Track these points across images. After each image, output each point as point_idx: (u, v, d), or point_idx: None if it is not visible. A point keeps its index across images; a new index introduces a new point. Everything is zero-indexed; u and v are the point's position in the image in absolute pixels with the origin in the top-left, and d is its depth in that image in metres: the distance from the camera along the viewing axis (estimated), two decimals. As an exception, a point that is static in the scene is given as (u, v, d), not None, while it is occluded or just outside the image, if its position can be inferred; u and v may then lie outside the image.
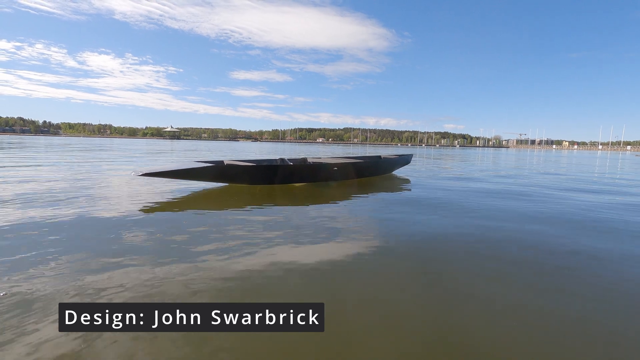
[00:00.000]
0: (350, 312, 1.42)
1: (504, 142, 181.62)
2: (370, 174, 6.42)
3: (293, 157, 6.45)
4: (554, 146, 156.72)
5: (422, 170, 8.97)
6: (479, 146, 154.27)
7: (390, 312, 1.42)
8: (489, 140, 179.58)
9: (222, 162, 4.90)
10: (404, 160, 7.72)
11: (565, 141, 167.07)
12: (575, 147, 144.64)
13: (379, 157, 7.79)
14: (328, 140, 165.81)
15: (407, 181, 6.34)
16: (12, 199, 3.54)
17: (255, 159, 5.63)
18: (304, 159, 6.43)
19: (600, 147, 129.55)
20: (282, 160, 5.98)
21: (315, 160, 6.49)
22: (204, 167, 3.99)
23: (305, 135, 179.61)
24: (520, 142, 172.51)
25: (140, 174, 3.59)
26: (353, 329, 1.29)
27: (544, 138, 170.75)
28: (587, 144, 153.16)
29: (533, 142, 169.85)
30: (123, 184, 4.68)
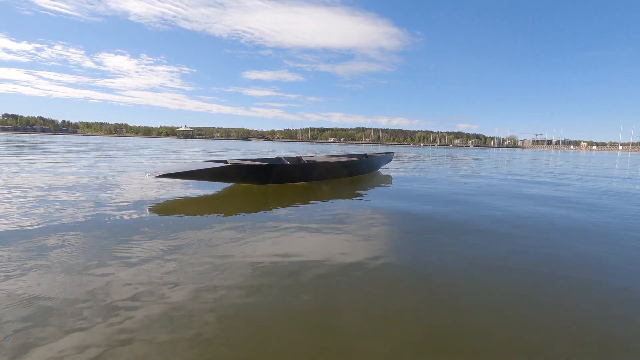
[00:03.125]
0: (347, 312, 1.41)
1: (519, 142, 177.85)
2: (363, 171, 6.64)
3: (289, 155, 6.54)
4: (572, 147, 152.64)
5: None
6: (493, 146, 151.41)
7: (386, 312, 1.41)
8: (503, 140, 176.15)
9: (226, 161, 4.93)
10: (388, 158, 8.06)
11: (584, 142, 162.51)
12: (594, 147, 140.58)
13: (365, 155, 8.00)
14: (340, 140, 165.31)
15: (404, 180, 6.35)
16: (26, 198, 3.71)
17: (254, 158, 5.73)
18: (299, 157, 6.55)
19: (620, 147, 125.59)
20: (278, 159, 6.06)
21: (308, 159, 6.67)
22: (218, 167, 4.04)
23: (317, 134, 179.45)
24: (536, 142, 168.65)
25: (157, 175, 3.59)
26: (350, 330, 1.28)
27: (561, 138, 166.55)
28: (606, 145, 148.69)
29: (549, 142, 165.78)
30: (137, 185, 4.83)
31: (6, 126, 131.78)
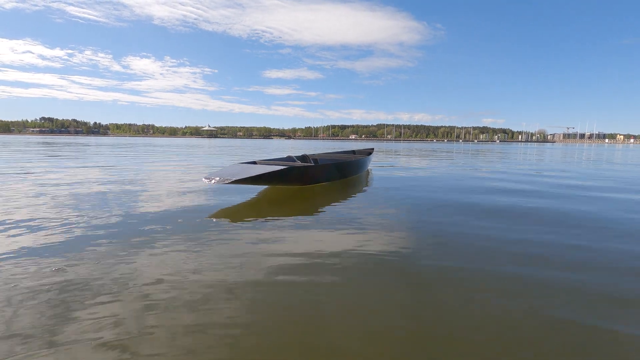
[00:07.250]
0: (337, 318, 1.38)
1: (548, 136, 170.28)
2: (362, 169, 6.28)
3: (297, 154, 6.33)
4: (607, 140, 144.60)
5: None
6: (521, 141, 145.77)
7: (377, 318, 1.37)
8: (532, 134, 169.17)
9: (255, 162, 4.83)
10: (372, 154, 7.95)
11: (620, 134, 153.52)
12: (632, 140, 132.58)
13: (354, 152, 7.69)
14: (361, 137, 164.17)
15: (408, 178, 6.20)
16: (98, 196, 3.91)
17: (272, 158, 5.54)
18: (305, 156, 6.35)
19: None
20: (289, 157, 5.95)
21: (313, 156, 6.42)
22: (278, 170, 3.82)
23: (338, 132, 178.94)
24: (567, 136, 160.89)
25: (228, 181, 3.36)
26: (338, 336, 1.25)
27: (595, 132, 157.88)
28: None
29: (582, 136, 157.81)
30: (197, 190, 4.94)
31: (43, 129, 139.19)
